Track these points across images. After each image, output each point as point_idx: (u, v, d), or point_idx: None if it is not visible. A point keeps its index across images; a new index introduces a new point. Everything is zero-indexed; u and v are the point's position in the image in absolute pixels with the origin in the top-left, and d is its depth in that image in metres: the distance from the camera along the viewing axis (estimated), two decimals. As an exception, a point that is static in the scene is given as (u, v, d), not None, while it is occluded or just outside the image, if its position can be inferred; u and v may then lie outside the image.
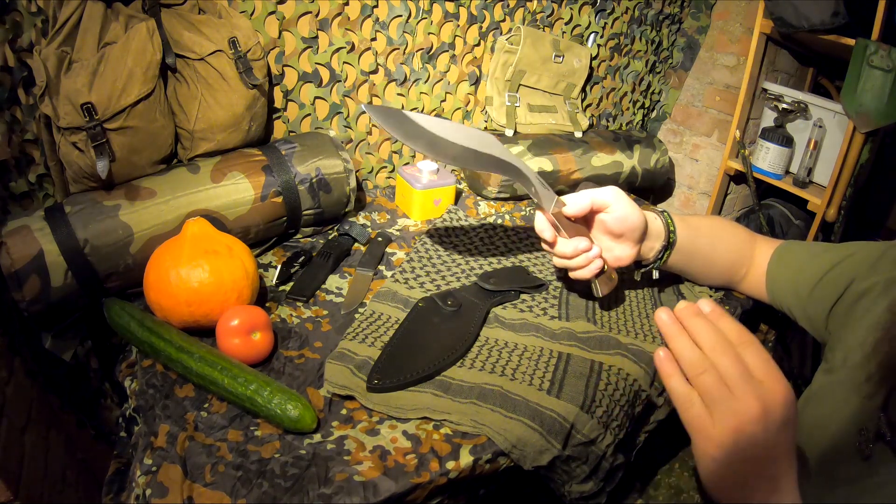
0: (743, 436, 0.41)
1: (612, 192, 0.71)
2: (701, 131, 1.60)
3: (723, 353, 0.42)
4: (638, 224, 0.72)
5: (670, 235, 0.76)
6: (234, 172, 0.82)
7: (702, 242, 0.80)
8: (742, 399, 0.41)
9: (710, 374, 0.42)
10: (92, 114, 0.69)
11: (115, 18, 0.73)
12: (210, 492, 0.51)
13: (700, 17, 1.51)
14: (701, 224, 0.81)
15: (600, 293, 0.76)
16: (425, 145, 0.69)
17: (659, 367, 0.45)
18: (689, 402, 0.43)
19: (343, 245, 0.90)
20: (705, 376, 0.42)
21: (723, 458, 0.42)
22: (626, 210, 0.71)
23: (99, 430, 0.96)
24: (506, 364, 0.69)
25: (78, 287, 0.72)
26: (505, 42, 1.19)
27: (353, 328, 0.72)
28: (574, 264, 0.73)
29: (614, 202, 0.71)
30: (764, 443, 0.41)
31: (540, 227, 0.73)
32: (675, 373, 0.44)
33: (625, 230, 0.72)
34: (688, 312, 0.45)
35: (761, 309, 0.89)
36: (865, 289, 0.62)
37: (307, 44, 0.98)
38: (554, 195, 0.72)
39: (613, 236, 0.73)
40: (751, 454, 0.42)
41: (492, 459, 0.60)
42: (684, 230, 0.77)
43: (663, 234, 0.76)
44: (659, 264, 0.79)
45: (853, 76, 1.17)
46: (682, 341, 0.44)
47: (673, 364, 0.45)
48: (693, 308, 0.45)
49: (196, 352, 0.62)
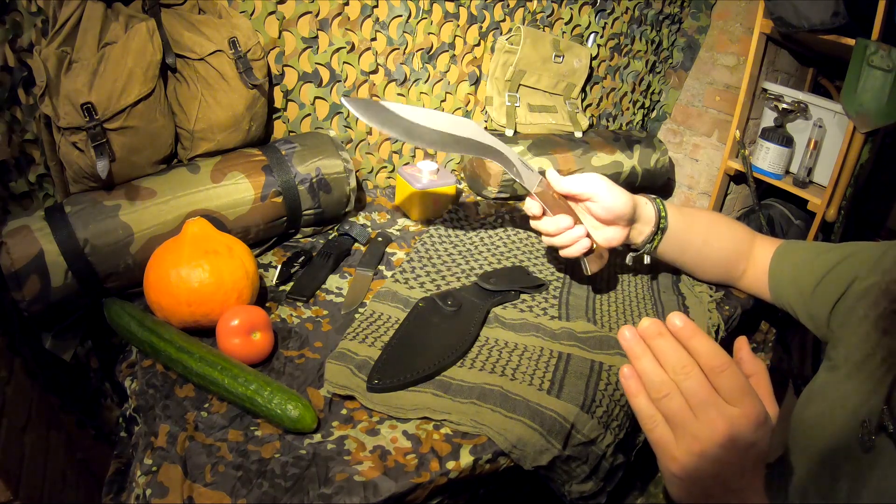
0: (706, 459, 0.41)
1: (596, 183, 0.74)
2: (701, 131, 1.60)
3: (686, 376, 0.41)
4: (625, 211, 0.74)
5: (661, 221, 0.78)
6: (234, 172, 0.82)
7: (696, 233, 0.82)
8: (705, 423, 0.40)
9: (672, 397, 0.41)
10: (92, 114, 0.69)
11: (115, 18, 0.73)
12: (210, 492, 0.51)
13: (700, 17, 1.51)
14: (697, 216, 0.83)
15: (589, 271, 0.78)
16: (402, 132, 0.72)
17: (624, 385, 0.45)
18: (653, 422, 0.43)
19: (343, 245, 0.90)
20: (667, 400, 0.42)
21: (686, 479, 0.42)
22: (610, 199, 0.74)
23: (99, 430, 0.96)
24: (506, 364, 0.69)
25: (78, 287, 0.72)
26: (505, 42, 1.19)
27: (353, 328, 0.72)
28: (559, 241, 0.75)
29: (599, 192, 0.73)
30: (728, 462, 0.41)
31: (528, 205, 0.76)
32: (640, 392, 0.44)
33: (613, 218, 0.75)
34: (652, 331, 0.43)
35: (761, 307, 0.89)
36: (867, 288, 0.62)
37: (307, 44, 0.98)
38: (538, 175, 0.75)
39: (603, 223, 0.76)
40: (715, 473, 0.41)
41: (492, 459, 0.60)
42: (677, 219, 0.79)
43: (654, 219, 0.78)
44: (649, 248, 0.81)
45: (853, 76, 1.17)
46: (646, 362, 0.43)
47: (637, 382, 0.44)
48: (657, 327, 0.43)
49: (196, 352, 0.62)
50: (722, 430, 0.40)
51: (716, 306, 0.85)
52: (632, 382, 0.44)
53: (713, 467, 0.41)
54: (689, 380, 0.41)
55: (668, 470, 0.43)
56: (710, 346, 0.42)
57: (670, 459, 0.42)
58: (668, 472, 0.43)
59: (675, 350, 0.42)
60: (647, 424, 0.43)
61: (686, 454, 0.41)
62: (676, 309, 0.84)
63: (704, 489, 0.42)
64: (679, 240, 0.80)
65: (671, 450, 0.42)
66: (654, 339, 0.43)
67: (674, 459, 0.42)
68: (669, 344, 0.42)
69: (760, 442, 0.42)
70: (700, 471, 0.41)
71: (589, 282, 0.88)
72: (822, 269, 0.70)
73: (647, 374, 0.43)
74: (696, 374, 0.41)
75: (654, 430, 0.43)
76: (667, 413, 0.42)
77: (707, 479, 0.42)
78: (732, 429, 0.40)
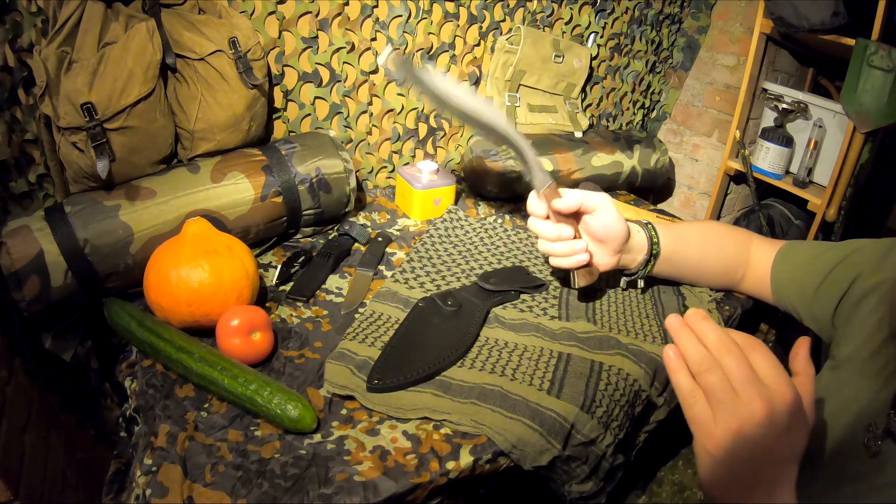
0: (744, 437, 0.41)
1: (602, 198, 0.73)
2: (701, 131, 1.60)
3: (728, 353, 0.43)
4: (620, 234, 0.74)
5: (653, 248, 0.78)
6: (234, 172, 0.82)
7: (690, 250, 0.82)
8: (746, 401, 0.41)
9: (714, 372, 0.43)
10: (92, 114, 0.69)
11: (115, 18, 0.73)
12: (210, 492, 0.51)
13: (700, 17, 1.51)
14: (689, 232, 0.82)
15: (576, 285, 0.77)
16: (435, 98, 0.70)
17: (666, 363, 0.46)
18: (694, 398, 0.44)
19: (343, 245, 0.90)
20: (710, 374, 0.43)
21: (722, 458, 0.42)
22: (611, 218, 0.73)
23: (99, 430, 0.96)
24: (506, 364, 0.69)
25: (78, 287, 0.72)
26: (505, 42, 1.19)
27: (353, 328, 0.72)
28: (556, 250, 0.74)
29: (602, 207, 0.73)
30: (765, 446, 0.41)
31: (532, 204, 0.75)
32: (682, 368, 0.45)
33: (607, 237, 0.74)
34: (696, 317, 0.46)
35: (761, 309, 0.89)
36: (872, 286, 0.61)
37: (307, 44, 0.98)
38: (549, 178, 0.74)
39: (595, 240, 0.75)
40: (750, 456, 0.42)
41: (492, 459, 0.60)
42: (670, 242, 0.79)
43: (646, 247, 0.78)
44: (643, 274, 0.81)
45: (853, 76, 1.17)
46: (690, 341, 0.45)
47: (680, 360, 0.45)
48: (701, 313, 0.46)
49: (196, 352, 0.62)
50: (760, 408, 0.41)
51: (716, 306, 0.85)
52: (674, 360, 0.45)
53: (748, 448, 0.41)
54: (730, 356, 0.42)
55: (703, 448, 0.43)
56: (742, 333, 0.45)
57: (707, 436, 0.43)
58: (704, 451, 0.44)
59: (717, 331, 0.44)
60: (687, 399, 0.44)
61: (724, 431, 0.42)
62: (676, 309, 0.84)
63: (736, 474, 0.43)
64: (673, 261, 0.80)
65: (709, 427, 0.43)
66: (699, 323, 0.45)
67: (711, 436, 0.42)
68: (711, 326, 0.44)
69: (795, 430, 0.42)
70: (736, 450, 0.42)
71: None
72: (824, 268, 0.70)
73: (690, 350, 0.44)
74: (737, 352, 0.43)
75: (694, 406, 0.44)
76: (708, 388, 0.43)
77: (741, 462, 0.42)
78: (770, 408, 0.41)
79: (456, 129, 1.24)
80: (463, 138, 1.26)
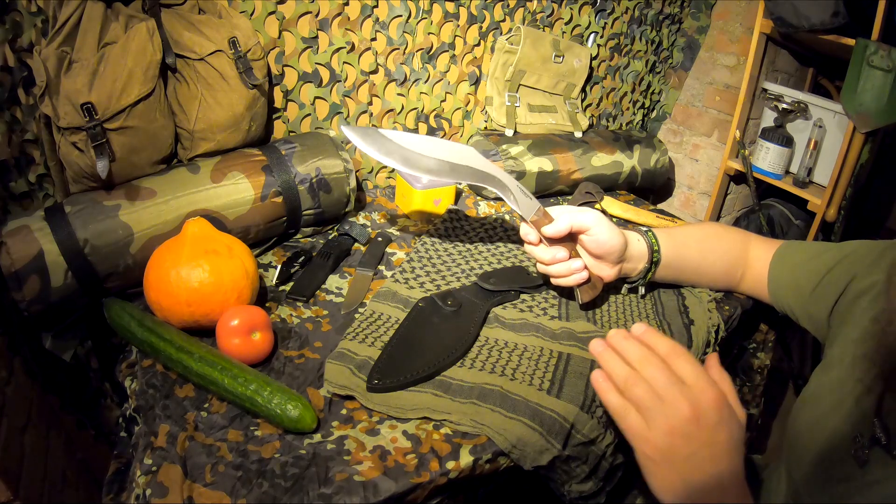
0: (677, 435, 0.45)
1: (592, 217, 0.73)
2: (701, 131, 1.60)
3: (650, 364, 0.47)
4: (616, 248, 0.73)
5: (654, 255, 0.78)
6: (234, 172, 0.82)
7: (690, 254, 0.82)
8: (672, 402, 0.45)
9: (639, 385, 0.47)
10: (92, 114, 0.69)
11: (115, 18, 0.73)
12: (210, 492, 0.51)
13: (700, 17, 1.52)
14: (689, 236, 0.82)
15: (581, 301, 0.78)
16: (401, 160, 0.71)
17: (595, 386, 0.50)
18: (625, 411, 0.48)
19: (343, 245, 0.90)
20: (636, 388, 0.47)
21: (662, 459, 0.46)
22: (603, 235, 0.72)
23: (99, 430, 0.96)
24: (506, 364, 0.69)
25: (78, 287, 0.72)
26: (505, 42, 1.19)
27: (353, 328, 0.72)
28: (553, 271, 0.75)
29: (594, 226, 0.72)
30: (699, 440, 0.45)
31: (524, 232, 0.75)
32: (610, 389, 0.49)
33: (603, 253, 0.74)
34: (617, 338, 0.50)
35: (761, 309, 0.89)
36: (865, 287, 0.62)
37: (307, 44, 0.98)
38: (536, 203, 0.74)
39: (593, 256, 0.76)
40: (688, 453, 0.45)
41: (492, 459, 0.60)
42: (670, 247, 0.79)
43: (646, 255, 0.78)
44: (644, 281, 0.81)
45: (853, 76, 1.17)
46: (613, 360, 0.49)
47: (607, 381, 0.50)
48: (622, 333, 0.51)
49: (196, 352, 0.62)
50: (686, 407, 0.45)
51: (716, 306, 0.85)
52: (601, 382, 0.50)
53: (684, 445, 0.45)
54: (650, 367, 0.47)
55: (644, 455, 0.47)
56: (667, 340, 0.49)
57: (644, 442, 0.46)
58: (645, 457, 0.47)
59: (636, 346, 0.49)
60: (619, 415, 0.48)
61: (658, 433, 0.45)
62: (676, 309, 0.84)
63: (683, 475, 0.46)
64: (673, 267, 0.80)
65: (644, 433, 0.46)
66: (620, 342, 0.50)
67: (647, 441, 0.46)
68: (631, 343, 0.49)
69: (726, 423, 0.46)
70: (673, 449, 0.45)
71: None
72: (821, 269, 0.70)
73: (615, 369, 0.49)
74: (656, 361, 0.47)
75: (627, 419, 0.48)
76: (635, 400, 0.47)
77: (681, 460, 0.45)
78: (696, 406, 0.45)
79: (455, 130, 1.24)
80: (463, 138, 1.26)
